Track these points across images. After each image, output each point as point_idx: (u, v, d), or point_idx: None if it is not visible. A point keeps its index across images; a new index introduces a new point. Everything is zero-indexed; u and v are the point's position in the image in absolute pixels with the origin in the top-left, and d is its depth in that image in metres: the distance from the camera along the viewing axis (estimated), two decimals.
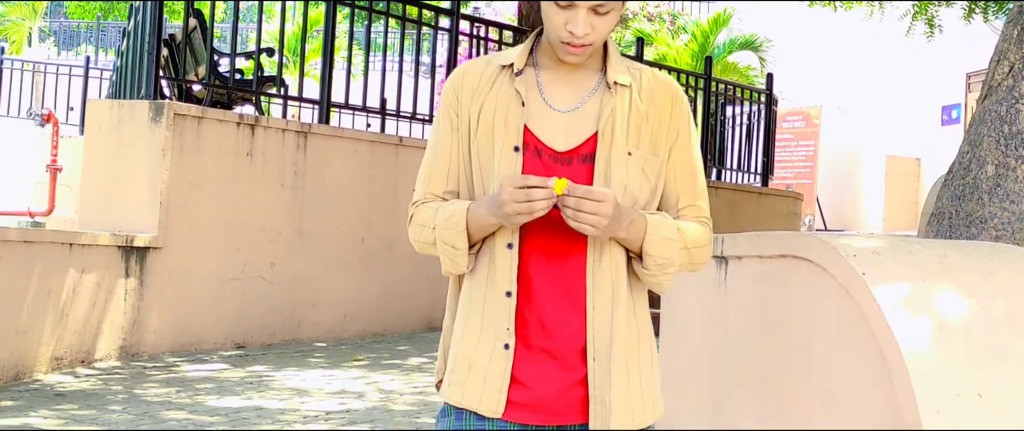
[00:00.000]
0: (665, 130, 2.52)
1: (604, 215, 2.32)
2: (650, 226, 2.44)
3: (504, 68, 2.55)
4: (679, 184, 2.57)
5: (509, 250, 2.45)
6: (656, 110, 2.52)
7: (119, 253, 7.50)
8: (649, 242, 2.43)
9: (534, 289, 2.46)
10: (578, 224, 2.34)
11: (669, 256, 2.46)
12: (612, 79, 2.51)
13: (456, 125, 2.54)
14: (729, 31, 20.24)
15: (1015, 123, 4.82)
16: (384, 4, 9.99)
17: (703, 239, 2.58)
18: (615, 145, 2.46)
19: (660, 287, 2.52)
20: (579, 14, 2.41)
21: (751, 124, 14.36)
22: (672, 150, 2.54)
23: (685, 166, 2.57)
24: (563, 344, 2.45)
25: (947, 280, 2.98)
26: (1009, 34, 5.08)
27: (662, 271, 2.46)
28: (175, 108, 7.85)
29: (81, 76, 18.82)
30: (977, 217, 4.76)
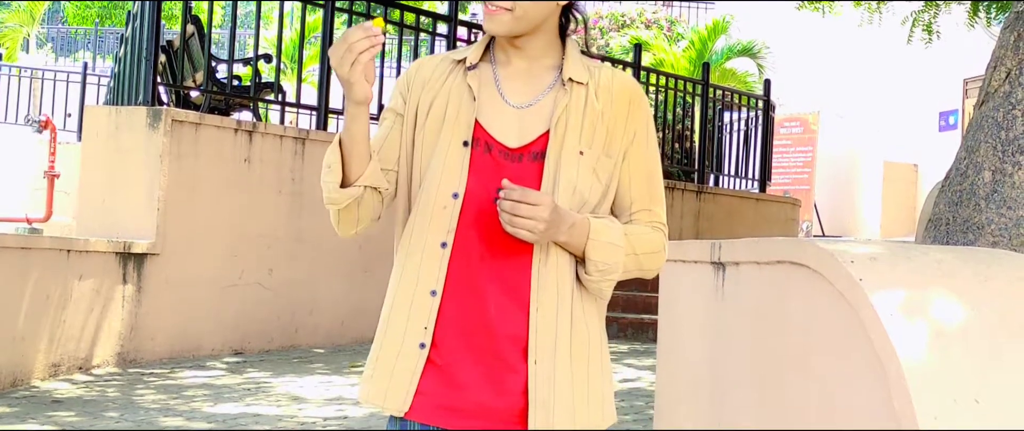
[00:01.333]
0: (621, 130, 2.47)
1: (540, 219, 2.26)
2: (593, 230, 2.37)
3: (459, 63, 2.51)
4: (633, 188, 2.50)
5: (442, 249, 2.39)
6: (613, 110, 2.46)
7: (117, 259, 7.50)
8: (591, 246, 2.36)
9: (472, 288, 2.39)
10: (513, 229, 2.28)
11: (612, 262, 2.39)
12: (567, 76, 2.46)
13: (401, 111, 2.50)
14: (727, 37, 20.25)
15: (1012, 129, 4.82)
16: (382, 10, 10.00)
17: (655, 245, 2.50)
18: (566, 144, 2.41)
19: (601, 293, 2.45)
20: None
21: (749, 130, 14.37)
22: (627, 152, 2.48)
23: (640, 169, 2.51)
24: (504, 345, 2.39)
25: (944, 286, 2.98)
26: (1006, 40, 5.08)
27: (603, 277, 2.40)
28: (173, 114, 7.85)
29: (79, 82, 18.84)
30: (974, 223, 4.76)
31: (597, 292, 2.45)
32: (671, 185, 12.20)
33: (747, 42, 20.22)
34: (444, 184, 2.41)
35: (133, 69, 8.57)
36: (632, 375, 8.08)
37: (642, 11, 23.75)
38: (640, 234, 2.47)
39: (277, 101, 9.72)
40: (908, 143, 19.94)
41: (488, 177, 2.40)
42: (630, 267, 2.45)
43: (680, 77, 13.93)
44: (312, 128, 9.26)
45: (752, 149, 14.35)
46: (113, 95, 11.39)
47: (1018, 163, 4.73)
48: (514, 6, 2.39)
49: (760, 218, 13.52)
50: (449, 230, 2.40)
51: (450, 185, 2.41)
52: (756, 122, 14.38)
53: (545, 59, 2.49)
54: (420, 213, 2.44)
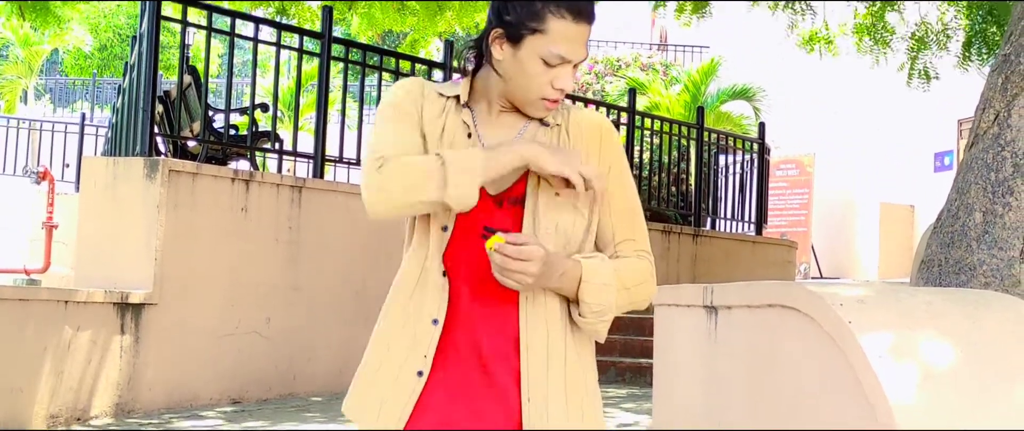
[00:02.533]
0: (595, 162, 2.52)
1: (529, 273, 2.32)
2: (586, 272, 2.42)
3: (447, 98, 2.56)
4: (614, 219, 2.54)
5: (443, 278, 2.44)
6: (585, 144, 2.53)
7: (114, 310, 7.51)
8: (585, 289, 2.41)
9: (466, 322, 2.44)
10: (503, 278, 2.34)
11: (605, 303, 2.44)
12: (539, 118, 2.53)
13: (417, 122, 2.52)
14: (719, 80, 20.33)
15: (1002, 170, 4.86)
16: (377, 58, 10.06)
17: (642, 275, 2.53)
18: (543, 186, 2.46)
19: (597, 334, 2.49)
20: (568, 70, 2.45)
21: (744, 173, 14.42)
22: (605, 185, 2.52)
23: (619, 200, 2.55)
24: (498, 380, 2.43)
25: (933, 327, 3.00)
26: (994, 83, 5.13)
27: (599, 319, 2.45)
28: (170, 165, 7.88)
29: (77, 133, 18.90)
30: (966, 264, 4.79)
31: (592, 333, 2.49)
32: (667, 228, 12.23)
33: (742, 85, 20.31)
34: (435, 216, 2.47)
35: (131, 120, 8.62)
36: (630, 419, 8.08)
37: (637, 56, 23.86)
38: (628, 267, 2.51)
39: (273, 149, 9.76)
40: (904, 184, 20.00)
41: (475, 216, 2.46)
42: (622, 303, 2.49)
43: (675, 121, 13.98)
44: (308, 176, 9.30)
45: (748, 192, 14.39)
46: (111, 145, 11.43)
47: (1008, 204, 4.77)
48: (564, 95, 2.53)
49: (757, 261, 13.54)
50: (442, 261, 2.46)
51: (440, 218, 2.47)
52: (752, 165, 14.42)
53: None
54: (418, 241, 2.51)
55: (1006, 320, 3.13)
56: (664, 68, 23.42)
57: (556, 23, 2.43)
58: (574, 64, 2.46)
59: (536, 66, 2.45)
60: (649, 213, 13.03)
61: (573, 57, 2.44)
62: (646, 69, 23.00)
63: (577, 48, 2.45)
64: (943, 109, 17.95)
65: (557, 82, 2.45)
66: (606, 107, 12.81)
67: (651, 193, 13.32)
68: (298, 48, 9.34)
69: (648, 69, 23.03)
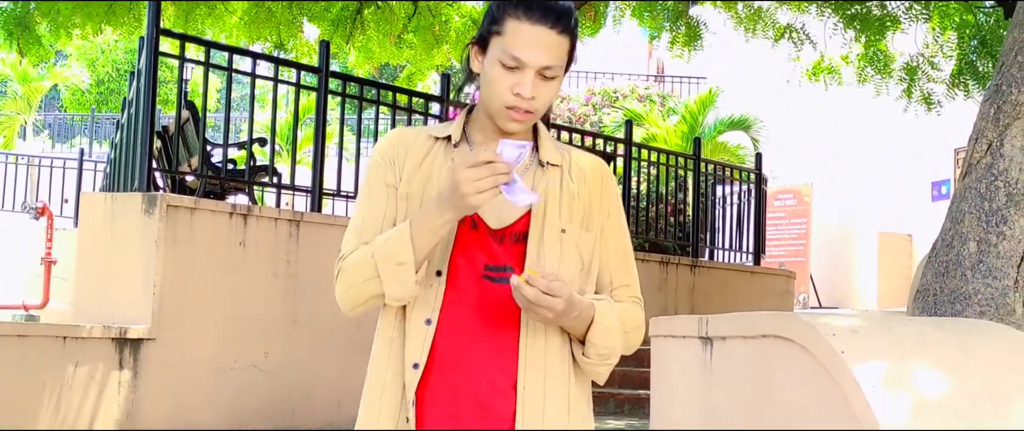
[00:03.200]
0: (597, 207, 2.54)
1: (555, 310, 2.32)
2: (598, 314, 2.43)
3: (438, 140, 2.55)
4: (612, 264, 2.56)
5: (426, 326, 2.44)
6: (587, 188, 2.54)
7: (113, 345, 7.52)
8: (595, 331, 2.43)
9: (459, 364, 2.44)
10: (527, 310, 2.35)
11: (612, 347, 2.46)
12: (544, 159, 2.53)
13: (392, 183, 2.52)
14: (716, 111, 20.39)
15: (995, 199, 4.88)
16: (375, 92, 10.09)
17: (638, 320, 2.57)
18: (547, 223, 2.47)
19: (598, 376, 2.50)
20: (527, 76, 2.42)
21: (742, 204, 14.45)
22: (604, 230, 2.55)
23: (617, 246, 2.58)
24: (492, 421, 2.44)
25: (925, 357, 3.02)
26: (986, 112, 5.16)
27: (603, 361, 2.47)
28: (168, 200, 7.90)
29: (75, 168, 18.94)
30: (961, 294, 4.80)
31: (594, 375, 2.51)
32: (665, 259, 12.25)
33: (739, 116, 20.37)
34: (430, 263, 2.46)
35: (129, 155, 8.64)
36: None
37: (634, 87, 23.93)
38: (627, 312, 2.54)
39: (271, 184, 9.79)
40: (902, 213, 20.03)
41: (474, 254, 2.46)
42: (624, 347, 2.54)
43: (671, 152, 14.03)
44: (306, 210, 9.32)
45: (746, 222, 14.42)
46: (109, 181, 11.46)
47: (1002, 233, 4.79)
48: (537, 108, 2.47)
49: (755, 291, 13.55)
50: (434, 307, 2.44)
51: (435, 264, 2.47)
52: (749, 195, 14.45)
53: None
54: None
55: (998, 349, 3.15)
56: (661, 99, 23.49)
57: (512, 24, 2.43)
58: (540, 72, 2.43)
59: (496, 70, 2.44)
60: (647, 244, 13.05)
61: (529, 60, 2.41)
62: (643, 100, 23.07)
63: (535, 51, 2.42)
64: (940, 138, 18.01)
65: (517, 87, 2.42)
66: (603, 139, 12.84)
67: (649, 224, 13.34)
68: (296, 83, 9.38)
69: (645, 100, 23.11)
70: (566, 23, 2.45)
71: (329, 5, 13.63)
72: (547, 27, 2.42)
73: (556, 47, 2.44)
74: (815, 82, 13.93)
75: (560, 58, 2.46)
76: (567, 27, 2.45)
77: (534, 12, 2.42)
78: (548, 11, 2.42)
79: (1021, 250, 4.77)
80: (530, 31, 2.41)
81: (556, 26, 2.43)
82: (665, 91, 25.58)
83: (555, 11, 2.43)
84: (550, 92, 2.47)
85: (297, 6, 13.57)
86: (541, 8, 2.42)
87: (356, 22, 13.63)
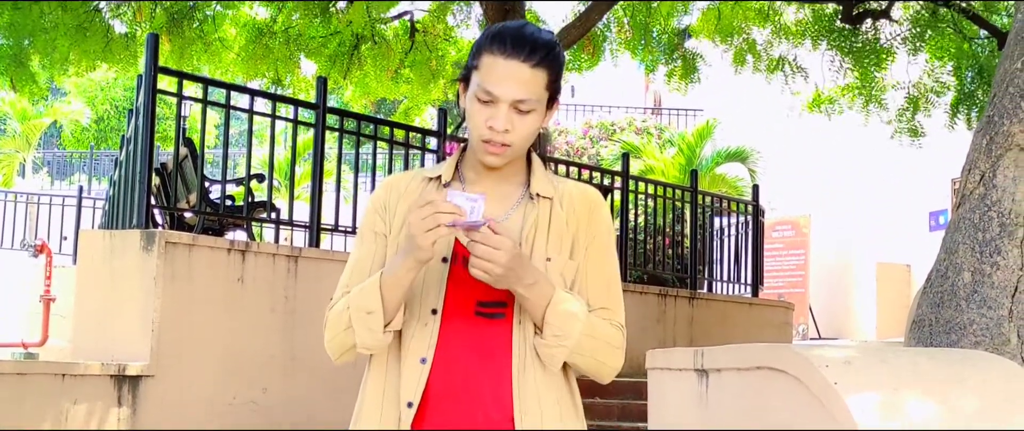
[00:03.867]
0: (584, 234, 2.55)
1: (497, 262, 2.32)
2: (556, 296, 2.42)
3: (431, 180, 2.59)
4: (589, 285, 2.55)
5: (422, 365, 2.45)
6: (576, 217, 2.55)
7: (111, 382, 7.52)
8: (551, 310, 2.42)
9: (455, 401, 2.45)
10: (472, 268, 2.35)
11: (567, 330, 2.43)
12: (535, 191, 2.55)
13: (382, 231, 2.57)
14: (714, 143, 20.45)
15: (988, 230, 4.91)
16: (372, 127, 10.13)
17: (615, 340, 2.53)
18: (535, 253, 2.48)
19: (552, 359, 2.46)
20: (500, 109, 2.43)
21: (739, 235, 14.46)
22: (587, 253, 2.55)
23: (597, 269, 2.57)
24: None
25: (918, 388, 3.04)
26: (979, 143, 5.20)
27: (558, 342, 2.43)
28: (166, 236, 7.92)
29: (74, 206, 18.96)
30: (956, 324, 4.82)
31: (548, 358, 2.47)
32: (664, 291, 12.26)
33: (736, 148, 20.43)
34: (425, 301, 2.49)
35: (128, 192, 8.67)
36: None
37: (632, 120, 24.01)
38: (601, 324, 2.52)
39: (269, 220, 9.81)
40: (900, 244, 20.05)
41: (467, 291, 2.47)
42: (587, 350, 2.48)
43: (668, 184, 14.06)
44: (304, 245, 9.33)
45: (744, 254, 14.43)
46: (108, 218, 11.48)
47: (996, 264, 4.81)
48: (514, 142, 2.47)
49: (754, 323, 13.55)
50: (429, 345, 2.46)
51: (429, 301, 2.49)
52: (747, 227, 14.47)
53: (514, 177, 2.59)
54: (402, 328, 2.52)
55: (991, 379, 3.16)
56: (658, 131, 23.56)
57: (487, 58, 2.45)
58: (514, 105, 2.44)
59: (474, 105, 2.47)
60: (646, 276, 13.06)
61: (501, 94, 2.43)
62: (640, 133, 23.14)
63: (507, 85, 2.43)
64: (937, 168, 18.05)
65: (489, 121, 2.44)
66: (600, 172, 12.88)
67: (647, 256, 13.36)
68: (293, 119, 9.41)
69: (642, 133, 23.18)
70: (541, 56, 2.46)
71: (326, 41, 13.70)
72: (519, 61, 2.43)
73: (530, 81, 2.45)
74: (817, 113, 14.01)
75: (535, 92, 2.46)
76: (542, 60, 2.46)
77: (507, 46, 2.43)
78: (521, 45, 2.44)
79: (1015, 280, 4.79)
80: (503, 65, 2.43)
81: (529, 59, 2.44)
82: (662, 123, 25.67)
83: (529, 44, 2.44)
84: (527, 126, 2.48)
85: (294, 42, 13.64)
86: (514, 42, 2.44)
87: (353, 57, 13.70)
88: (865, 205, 20.71)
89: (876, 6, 12.63)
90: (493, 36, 2.47)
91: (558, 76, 2.52)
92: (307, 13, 13.19)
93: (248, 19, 14.20)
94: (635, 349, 10.80)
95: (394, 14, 13.89)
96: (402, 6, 13.82)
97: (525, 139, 2.50)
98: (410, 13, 14.16)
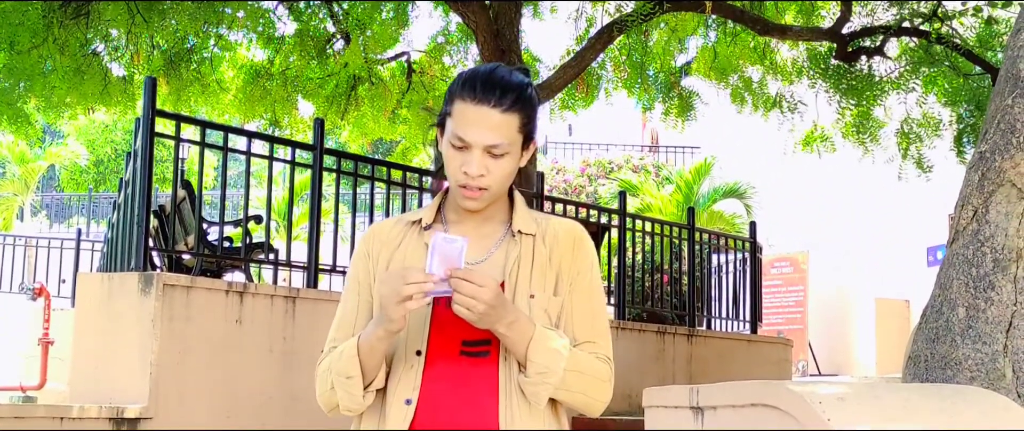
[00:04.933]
0: (568, 269, 2.56)
1: (481, 300, 2.33)
2: (538, 333, 2.43)
3: (413, 224, 2.61)
4: (575, 321, 2.56)
5: (407, 406, 2.47)
6: (559, 253, 2.57)
7: (109, 425, 7.52)
8: (533, 348, 2.43)
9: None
10: (456, 305, 2.36)
11: (551, 366, 2.43)
12: (517, 228, 2.57)
13: (366, 281, 2.59)
14: (711, 180, 20.50)
15: (982, 265, 4.93)
16: (370, 168, 10.16)
17: (601, 373, 2.54)
18: (519, 291, 2.50)
19: (536, 397, 2.47)
20: (474, 155, 2.46)
21: (737, 272, 14.47)
22: (572, 287, 2.56)
23: (583, 304, 2.57)
24: None
25: (909, 423, 3.05)
26: (972, 179, 5.23)
27: (542, 380, 2.44)
28: (164, 279, 7.94)
29: (73, 248, 18.97)
30: (951, 359, 4.84)
31: (533, 396, 2.48)
32: (662, 329, 12.26)
33: (733, 184, 20.47)
34: (409, 342, 2.51)
35: (126, 234, 8.69)
36: None
37: (629, 157, 24.08)
38: (587, 358, 2.53)
39: (267, 261, 9.83)
40: (899, 279, 20.06)
41: (451, 330, 2.49)
42: (573, 385, 2.49)
43: (665, 222, 14.07)
44: (302, 286, 9.34)
45: (742, 291, 14.44)
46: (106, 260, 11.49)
47: (990, 299, 4.83)
48: (490, 185, 2.50)
49: (753, 360, 13.54)
50: (414, 386, 2.48)
51: (414, 343, 2.51)
52: (744, 264, 14.48)
53: (496, 216, 2.61)
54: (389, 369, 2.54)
55: (984, 414, 3.18)
56: (656, 169, 23.62)
57: (459, 105, 2.48)
58: (488, 150, 2.47)
59: (449, 150, 2.50)
60: (644, 314, 13.07)
61: (471, 139, 2.46)
62: (638, 170, 23.20)
63: (478, 131, 2.46)
64: (934, 203, 18.08)
65: (464, 166, 2.47)
66: (598, 210, 12.91)
67: (645, 294, 13.37)
68: (291, 160, 9.45)
69: (640, 170, 23.24)
70: (511, 100, 2.48)
71: (323, 82, 13.76)
72: (489, 107, 2.46)
73: (501, 125, 2.47)
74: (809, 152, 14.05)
75: (507, 136, 2.49)
76: (513, 104, 2.48)
77: (477, 92, 2.46)
78: (490, 90, 2.47)
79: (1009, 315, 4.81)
80: (474, 111, 2.46)
81: (499, 105, 2.46)
82: (660, 161, 25.74)
83: (499, 89, 2.47)
84: (502, 169, 2.50)
85: (291, 83, 13.70)
86: (484, 88, 2.47)
87: (350, 98, 13.75)
88: (863, 241, 20.74)
89: (870, 43, 12.69)
90: (463, 82, 2.50)
91: (531, 117, 2.54)
92: (304, 55, 13.24)
93: (245, 61, 14.27)
94: (635, 387, 10.81)
95: (391, 55, 13.96)
96: (398, 47, 13.88)
97: (501, 181, 2.52)
98: (407, 54, 14.23)
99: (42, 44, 11.75)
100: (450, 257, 2.35)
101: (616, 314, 12.11)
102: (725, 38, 13.39)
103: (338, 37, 13.55)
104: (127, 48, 12.79)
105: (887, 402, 3.16)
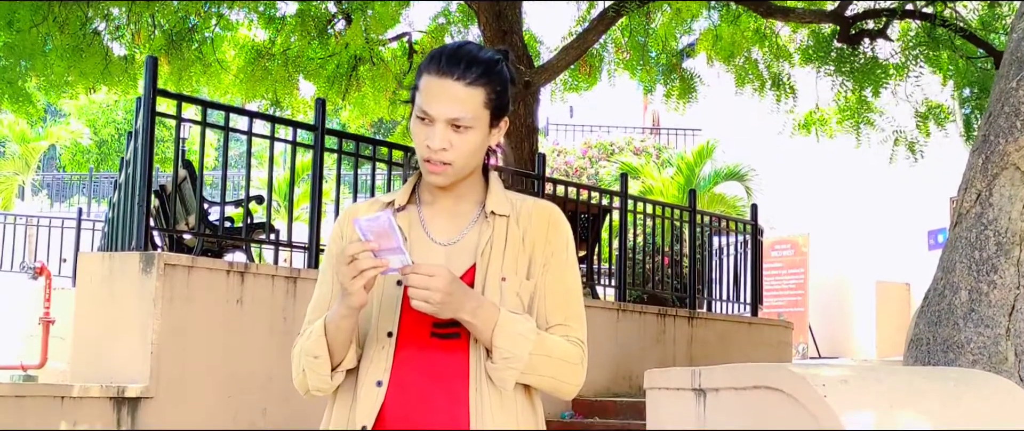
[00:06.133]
0: (540, 251, 2.55)
1: (435, 289, 2.34)
2: (503, 319, 2.43)
3: (387, 205, 2.60)
4: (548, 302, 2.55)
5: (378, 388, 2.47)
6: (532, 234, 2.55)
7: (110, 404, 7.52)
8: (498, 333, 2.42)
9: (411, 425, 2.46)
10: (412, 299, 2.36)
11: (516, 351, 2.43)
12: (490, 209, 2.56)
13: (339, 263, 2.55)
14: (713, 162, 20.48)
15: (985, 248, 4.92)
16: (371, 148, 10.14)
17: (572, 356, 2.53)
18: (490, 273, 2.49)
19: (503, 382, 2.46)
20: (437, 128, 2.45)
21: (738, 255, 14.47)
22: (545, 268, 2.55)
23: (555, 285, 2.56)
24: None
25: (912, 406, 3.05)
26: (975, 162, 5.22)
27: (507, 365, 2.43)
28: (165, 258, 7.93)
29: (74, 228, 18.97)
30: (954, 342, 4.83)
31: (499, 381, 2.47)
32: (663, 311, 12.26)
33: (734, 166, 20.45)
34: (381, 324, 2.50)
35: (127, 214, 8.68)
36: None
37: (630, 140, 24.06)
38: (557, 341, 2.51)
39: (268, 241, 9.82)
40: (900, 262, 20.06)
41: (423, 314, 2.47)
42: (541, 369, 2.48)
43: (666, 204, 14.07)
44: (303, 267, 9.34)
45: (743, 273, 14.43)
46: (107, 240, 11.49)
47: (993, 282, 4.83)
48: (453, 160, 2.49)
49: (753, 342, 13.54)
50: (385, 368, 2.48)
51: (385, 324, 2.50)
52: (745, 246, 14.48)
53: (470, 196, 2.60)
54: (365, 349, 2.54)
55: (986, 397, 3.17)
56: (657, 151, 23.60)
57: (425, 78, 2.48)
58: (451, 124, 2.46)
59: (415, 125, 2.50)
60: (645, 296, 13.07)
61: (435, 112, 2.46)
62: (639, 153, 23.19)
63: (440, 104, 2.45)
64: (935, 187, 18.09)
65: (427, 140, 2.47)
66: (599, 192, 12.90)
67: (646, 277, 13.37)
68: (292, 140, 9.43)
69: (641, 153, 23.22)
70: (476, 74, 2.48)
71: (325, 62, 13.74)
72: (453, 79, 2.46)
73: (465, 98, 2.47)
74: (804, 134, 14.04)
75: (471, 109, 2.48)
76: (478, 78, 2.48)
77: (442, 65, 2.46)
78: (455, 63, 2.47)
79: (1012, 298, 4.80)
80: (437, 84, 2.46)
81: (463, 77, 2.46)
82: (661, 143, 25.71)
83: (464, 62, 2.47)
84: (466, 144, 2.49)
85: (293, 63, 13.68)
86: (449, 61, 2.47)
87: (352, 79, 13.73)
88: (864, 224, 20.73)
89: (873, 26, 12.66)
90: (431, 57, 2.50)
91: (499, 94, 2.53)
92: (305, 35, 13.23)
93: (247, 41, 14.25)
94: (635, 369, 10.82)
95: (392, 36, 13.94)
96: (400, 28, 13.85)
97: (466, 157, 2.51)
98: (408, 34, 14.20)
99: (42, 22, 11.72)
100: (380, 232, 2.35)
101: (617, 296, 12.12)
102: (728, 18, 13.36)
103: (339, 17, 13.53)
104: (128, 27, 12.77)
105: (890, 385, 3.15)
